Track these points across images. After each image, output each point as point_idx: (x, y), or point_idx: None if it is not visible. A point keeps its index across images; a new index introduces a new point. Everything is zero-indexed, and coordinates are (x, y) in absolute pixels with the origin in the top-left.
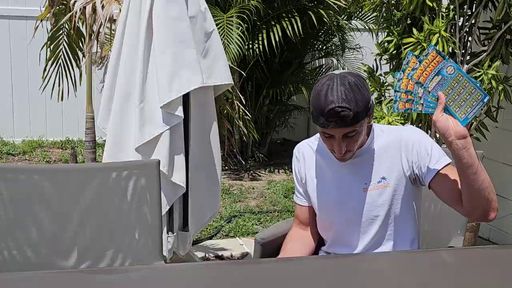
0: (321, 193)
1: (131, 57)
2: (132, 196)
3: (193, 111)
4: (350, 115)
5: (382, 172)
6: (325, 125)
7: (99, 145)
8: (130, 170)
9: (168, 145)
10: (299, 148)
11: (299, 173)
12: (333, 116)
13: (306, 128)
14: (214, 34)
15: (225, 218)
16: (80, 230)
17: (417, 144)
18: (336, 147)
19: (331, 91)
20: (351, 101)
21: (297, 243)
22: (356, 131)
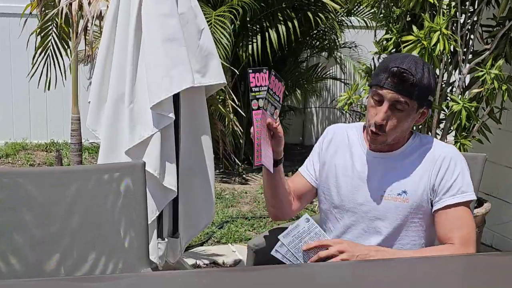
0: (338, 182)
1: (120, 57)
2: (117, 199)
3: (184, 112)
4: (410, 81)
5: (406, 185)
6: (382, 82)
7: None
8: (115, 172)
9: (159, 148)
10: (335, 130)
11: (322, 152)
12: (394, 75)
13: (301, 129)
14: (205, 31)
15: (216, 224)
16: (64, 234)
17: (446, 166)
18: (379, 112)
19: (404, 57)
20: (418, 73)
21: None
22: (405, 106)
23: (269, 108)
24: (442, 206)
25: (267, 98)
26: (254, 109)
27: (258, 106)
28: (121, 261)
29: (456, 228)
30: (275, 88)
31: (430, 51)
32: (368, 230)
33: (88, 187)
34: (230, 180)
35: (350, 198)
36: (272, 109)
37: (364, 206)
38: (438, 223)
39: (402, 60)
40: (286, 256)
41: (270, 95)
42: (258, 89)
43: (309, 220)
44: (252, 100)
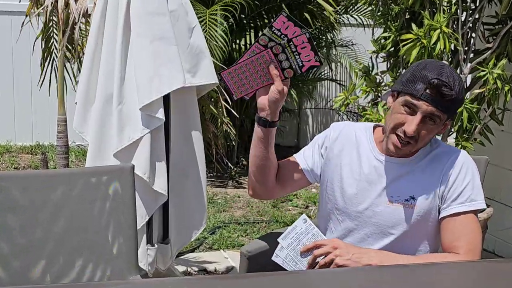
0: (343, 184)
1: (108, 56)
2: (105, 203)
3: (175, 113)
4: (450, 97)
5: (414, 191)
6: (420, 94)
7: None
8: (103, 175)
9: (148, 150)
10: (342, 127)
11: (328, 149)
12: (434, 88)
13: (296, 132)
14: (196, 29)
15: (208, 229)
16: (50, 240)
17: (456, 173)
18: (411, 122)
19: (440, 67)
20: (456, 86)
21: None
22: (437, 120)
23: (283, 60)
24: (450, 213)
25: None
26: (259, 43)
27: (265, 45)
28: (109, 268)
29: (462, 237)
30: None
31: (430, 50)
32: (371, 235)
33: (75, 191)
34: (222, 184)
35: (354, 201)
36: (286, 64)
37: (368, 210)
38: (444, 230)
39: (439, 70)
40: (286, 261)
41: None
42: (277, 34)
43: (306, 220)
44: (263, 36)
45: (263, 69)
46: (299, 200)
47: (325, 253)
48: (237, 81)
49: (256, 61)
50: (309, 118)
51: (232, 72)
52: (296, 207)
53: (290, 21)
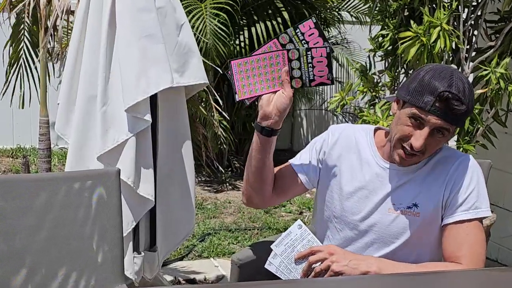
0: (343, 191)
1: (92, 54)
2: (89, 209)
3: (162, 115)
4: (461, 112)
5: (418, 198)
6: (428, 107)
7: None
8: (87, 180)
9: (134, 153)
10: (341, 131)
11: (326, 154)
12: (444, 102)
13: (290, 134)
14: (185, 27)
15: (197, 236)
16: (32, 248)
17: (461, 179)
18: (418, 136)
19: (449, 76)
20: (469, 101)
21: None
22: (446, 133)
23: (295, 68)
24: (453, 221)
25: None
26: (279, 40)
27: (284, 44)
28: (94, 277)
29: (465, 247)
30: (311, 41)
31: (429, 49)
32: (372, 244)
33: (58, 196)
34: (212, 189)
35: (354, 209)
36: (297, 73)
37: (369, 219)
38: (446, 238)
39: (450, 81)
40: (280, 269)
41: (299, 40)
42: (300, 37)
43: (301, 226)
44: (285, 34)
45: (273, 71)
46: (292, 206)
47: (321, 259)
48: (244, 77)
49: (269, 59)
50: (303, 119)
51: (242, 64)
52: (290, 213)
53: (316, 29)
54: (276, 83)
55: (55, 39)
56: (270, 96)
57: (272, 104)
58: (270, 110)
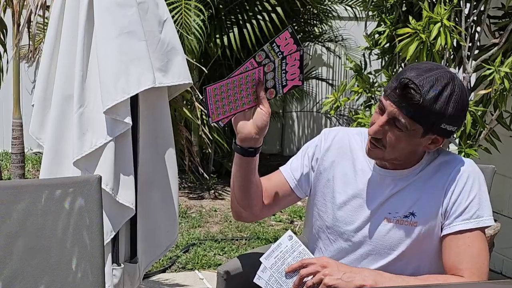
0: (336, 199)
1: (69, 52)
2: (68, 219)
3: (143, 117)
4: (415, 100)
5: (415, 206)
6: (388, 92)
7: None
8: (65, 188)
9: (113, 158)
10: (335, 135)
11: (319, 160)
12: (400, 88)
13: (280, 138)
14: (168, 23)
15: (181, 247)
16: (6, 259)
17: (461, 185)
18: (376, 123)
19: (427, 70)
20: (431, 93)
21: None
22: (404, 129)
23: (269, 79)
24: (453, 231)
25: (270, 56)
26: (255, 59)
27: (260, 62)
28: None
29: (466, 259)
30: (286, 50)
31: (429, 46)
32: (367, 256)
33: (33, 205)
34: (197, 196)
35: (348, 220)
36: (270, 83)
37: (364, 229)
38: (447, 250)
39: (421, 72)
40: (270, 283)
41: (275, 53)
42: (276, 50)
43: (292, 237)
44: (261, 52)
45: (248, 88)
46: (283, 214)
47: (313, 272)
48: (219, 100)
49: (245, 78)
50: (294, 122)
51: (218, 89)
52: (280, 222)
53: (292, 38)
54: (251, 99)
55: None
56: (245, 117)
57: (250, 123)
58: (248, 131)
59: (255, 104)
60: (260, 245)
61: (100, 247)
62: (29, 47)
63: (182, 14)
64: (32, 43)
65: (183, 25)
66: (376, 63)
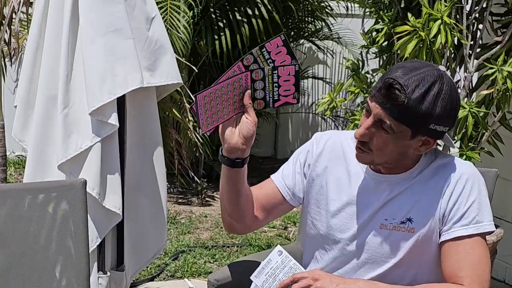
0: (329, 207)
1: (53, 50)
2: (52, 225)
3: (131, 118)
4: (399, 101)
5: (412, 212)
6: (373, 92)
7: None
8: (48, 192)
9: (99, 162)
10: (327, 139)
11: (311, 166)
12: (384, 88)
13: (273, 141)
14: (157, 20)
15: (170, 254)
16: None
17: (460, 189)
18: (361, 126)
19: (413, 68)
20: (416, 93)
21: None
22: (390, 131)
23: (258, 89)
24: (452, 237)
25: (259, 62)
26: (243, 62)
27: (248, 66)
28: None
29: (466, 266)
30: (277, 60)
31: (429, 45)
32: (364, 265)
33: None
34: (186, 201)
35: (342, 227)
36: (260, 93)
37: (359, 237)
38: (446, 257)
39: (407, 71)
40: None
41: (264, 60)
42: (266, 56)
43: (282, 252)
44: (249, 55)
45: (234, 95)
46: (276, 220)
47: (305, 286)
48: (208, 109)
49: (232, 84)
50: (288, 124)
51: (207, 96)
52: (273, 228)
53: (284, 47)
54: (237, 106)
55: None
56: (233, 126)
57: (236, 133)
58: (235, 141)
59: (241, 111)
60: (253, 252)
61: (85, 255)
62: (10, 45)
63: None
64: (15, 40)
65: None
66: (374, 62)
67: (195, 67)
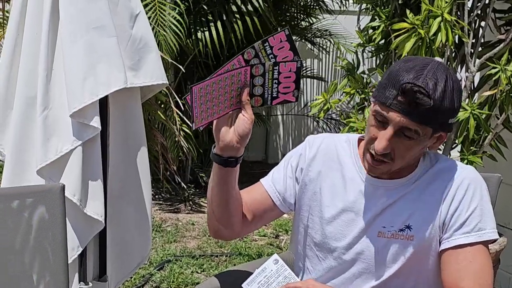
0: (324, 214)
1: (32, 49)
2: (28, 234)
3: (114, 121)
4: (426, 105)
5: (411, 219)
6: (389, 101)
7: None
8: (24, 198)
9: (80, 166)
10: (320, 142)
11: (304, 170)
12: (406, 94)
13: (264, 144)
14: (141, 17)
15: (155, 264)
16: None
17: (461, 195)
18: (381, 137)
19: (421, 68)
20: (438, 91)
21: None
22: (415, 135)
23: (257, 85)
24: (453, 245)
25: (260, 57)
26: (243, 56)
27: (249, 60)
28: None
29: (468, 276)
30: (279, 55)
31: (428, 43)
32: (360, 275)
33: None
34: (173, 208)
35: (338, 235)
36: (258, 90)
37: (356, 245)
38: (446, 266)
39: (418, 72)
40: None
41: (266, 55)
42: (268, 51)
43: (278, 261)
44: (251, 49)
45: (232, 91)
46: (267, 228)
47: None
48: (203, 103)
49: (230, 78)
50: (279, 126)
51: (204, 89)
52: (264, 237)
53: (287, 42)
54: (233, 102)
55: None
56: (228, 123)
57: (231, 131)
58: (230, 139)
59: (238, 107)
60: (242, 262)
61: (65, 264)
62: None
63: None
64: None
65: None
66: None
67: (182, 66)
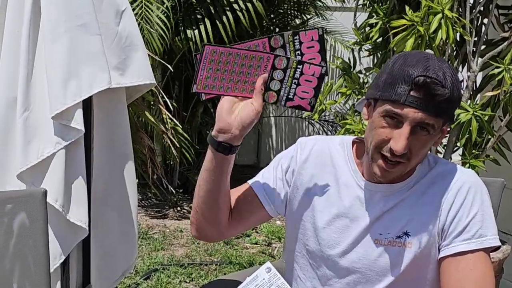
0: (317, 220)
1: (12, 48)
2: (7, 241)
3: (98, 123)
4: (443, 97)
5: (409, 225)
6: (403, 99)
7: None
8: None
9: (63, 170)
10: (313, 144)
11: (295, 173)
12: (421, 89)
13: (256, 147)
14: (127, 14)
15: (142, 273)
16: None
17: (461, 200)
18: (398, 137)
19: (429, 61)
20: (449, 83)
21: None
22: (431, 130)
23: (276, 79)
24: (453, 252)
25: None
26: (270, 41)
27: (275, 48)
28: None
29: (469, 284)
30: (306, 55)
31: (428, 41)
32: (356, 285)
33: None
34: (160, 214)
35: (332, 242)
36: (276, 85)
37: (351, 253)
38: (445, 274)
39: (425, 64)
40: None
41: (293, 50)
42: (296, 46)
43: (270, 270)
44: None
45: (249, 74)
46: (259, 235)
47: None
48: (213, 69)
49: (250, 59)
50: (272, 128)
51: (217, 54)
52: (256, 245)
53: (318, 42)
54: (247, 87)
55: None
56: (233, 104)
57: (235, 114)
58: (230, 121)
59: (248, 95)
60: (233, 271)
61: (47, 274)
62: None
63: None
64: None
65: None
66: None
67: (170, 65)
